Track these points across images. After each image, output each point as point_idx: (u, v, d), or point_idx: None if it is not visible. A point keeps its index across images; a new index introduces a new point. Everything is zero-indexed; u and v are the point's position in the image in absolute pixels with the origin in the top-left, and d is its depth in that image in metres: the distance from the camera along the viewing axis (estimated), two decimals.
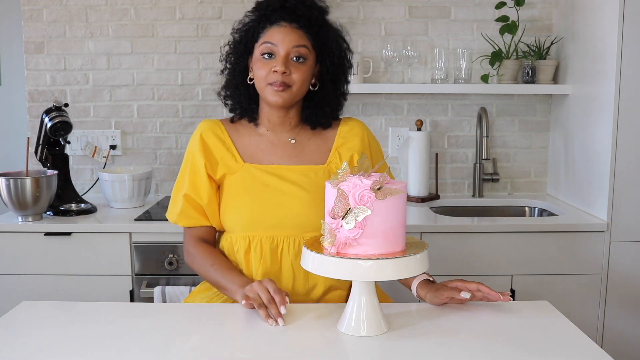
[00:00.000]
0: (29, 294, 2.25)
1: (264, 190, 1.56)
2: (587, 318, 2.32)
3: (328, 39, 1.59)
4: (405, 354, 1.25)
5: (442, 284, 1.47)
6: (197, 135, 1.62)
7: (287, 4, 1.55)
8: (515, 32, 2.63)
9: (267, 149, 1.62)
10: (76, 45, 2.76)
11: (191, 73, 2.79)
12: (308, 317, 1.43)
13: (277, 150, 1.62)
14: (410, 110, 2.82)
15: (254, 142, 1.62)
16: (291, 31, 1.53)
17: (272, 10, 1.55)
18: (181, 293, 2.11)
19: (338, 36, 1.63)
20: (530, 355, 1.24)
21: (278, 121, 1.62)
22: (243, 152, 1.60)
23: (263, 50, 1.54)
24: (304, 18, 1.54)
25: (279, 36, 1.53)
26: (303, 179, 1.57)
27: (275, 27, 1.54)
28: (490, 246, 2.30)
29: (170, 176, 2.83)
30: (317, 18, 1.57)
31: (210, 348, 1.27)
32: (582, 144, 2.50)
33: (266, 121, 1.63)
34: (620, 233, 2.30)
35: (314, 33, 1.56)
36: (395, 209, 1.26)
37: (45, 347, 1.27)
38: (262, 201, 1.55)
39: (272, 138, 1.63)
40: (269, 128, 1.63)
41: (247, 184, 1.57)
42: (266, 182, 1.57)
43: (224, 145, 1.61)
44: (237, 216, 1.57)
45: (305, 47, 1.54)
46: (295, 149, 1.62)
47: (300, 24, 1.54)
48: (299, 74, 1.54)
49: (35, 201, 2.29)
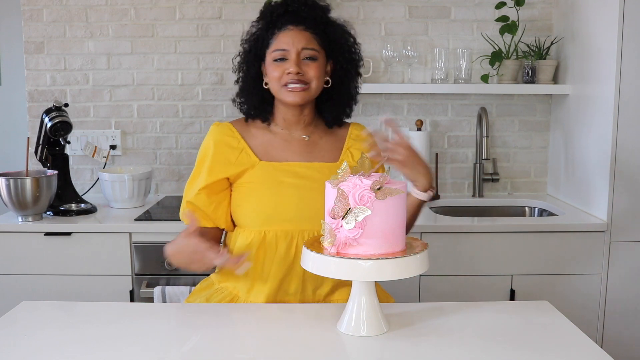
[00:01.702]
0: (29, 294, 2.25)
1: (279, 186, 1.59)
2: (587, 318, 2.32)
3: (335, 35, 1.64)
4: (405, 354, 1.25)
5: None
6: (210, 138, 1.65)
7: (290, 8, 1.59)
8: (515, 32, 2.63)
9: (281, 147, 1.65)
10: (76, 45, 2.77)
11: (191, 73, 2.79)
12: (308, 317, 1.43)
13: (292, 147, 1.65)
14: (410, 110, 2.82)
15: (268, 140, 1.66)
16: (298, 33, 1.58)
17: (277, 17, 1.60)
18: (181, 293, 2.11)
19: (344, 32, 1.67)
20: (530, 355, 1.24)
21: (293, 119, 1.65)
22: (258, 151, 1.63)
23: (275, 56, 1.58)
24: (308, 19, 1.59)
25: (288, 40, 1.58)
26: (317, 175, 1.60)
27: (283, 32, 1.59)
28: (490, 246, 2.30)
29: (170, 176, 2.83)
30: (321, 17, 1.61)
31: (210, 348, 1.27)
32: (582, 144, 2.50)
33: (281, 120, 1.66)
34: (620, 233, 2.30)
35: (321, 32, 1.61)
36: (395, 209, 1.26)
37: (45, 347, 1.27)
38: (278, 196, 1.58)
39: (287, 136, 1.66)
40: (283, 127, 1.67)
41: (263, 179, 1.60)
42: (281, 178, 1.60)
43: (238, 146, 1.63)
44: (254, 210, 1.59)
45: (314, 47, 1.59)
46: (308, 146, 1.66)
47: (306, 25, 1.59)
48: (313, 71, 1.58)
49: (35, 201, 2.29)
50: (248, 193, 1.60)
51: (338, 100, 1.67)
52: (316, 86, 1.60)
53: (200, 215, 1.60)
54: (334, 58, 1.64)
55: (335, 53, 1.64)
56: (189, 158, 2.82)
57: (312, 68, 1.58)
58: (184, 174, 2.83)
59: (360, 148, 1.66)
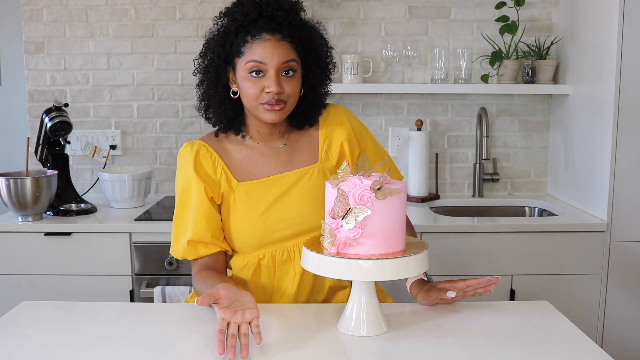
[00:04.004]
0: (29, 294, 2.25)
1: (264, 208, 1.52)
2: (587, 318, 2.32)
3: (311, 42, 1.53)
4: (405, 354, 1.25)
5: (432, 285, 1.47)
6: (187, 165, 1.54)
7: (264, 12, 1.45)
8: (515, 32, 2.63)
9: (260, 162, 1.57)
10: (76, 45, 2.76)
11: (191, 73, 2.78)
12: (308, 317, 1.43)
13: (271, 160, 1.57)
14: (410, 110, 2.82)
15: (246, 157, 1.57)
16: (277, 45, 1.45)
17: (249, 21, 1.46)
18: (181, 293, 2.11)
19: (319, 37, 1.57)
20: (530, 355, 1.24)
21: (268, 132, 1.57)
22: (236, 171, 1.55)
23: (250, 68, 1.45)
24: (284, 25, 1.46)
25: (265, 53, 1.44)
26: (300, 183, 1.54)
27: (258, 42, 1.45)
28: (490, 246, 2.30)
29: (170, 176, 2.83)
30: (297, 22, 1.50)
31: (210, 348, 1.26)
32: (582, 144, 2.50)
33: (256, 133, 1.58)
34: (620, 233, 2.30)
35: (297, 40, 1.49)
36: (395, 209, 1.26)
37: (45, 347, 1.27)
38: (264, 219, 1.52)
39: (264, 149, 1.58)
40: (259, 140, 1.58)
41: (245, 205, 1.53)
42: (265, 197, 1.53)
43: (217, 167, 1.55)
44: (242, 240, 1.54)
45: (294, 60, 1.48)
46: (287, 155, 1.58)
47: (284, 33, 1.46)
48: (292, 87, 1.48)
49: (35, 201, 2.29)
50: (234, 221, 1.53)
51: (307, 105, 1.57)
52: (293, 102, 1.50)
53: (202, 248, 1.53)
54: (310, 67, 1.53)
55: (309, 61, 1.53)
56: None
57: (291, 84, 1.47)
58: None
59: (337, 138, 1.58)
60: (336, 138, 1.59)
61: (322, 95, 1.60)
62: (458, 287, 1.44)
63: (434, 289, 1.45)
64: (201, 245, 1.53)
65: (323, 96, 1.61)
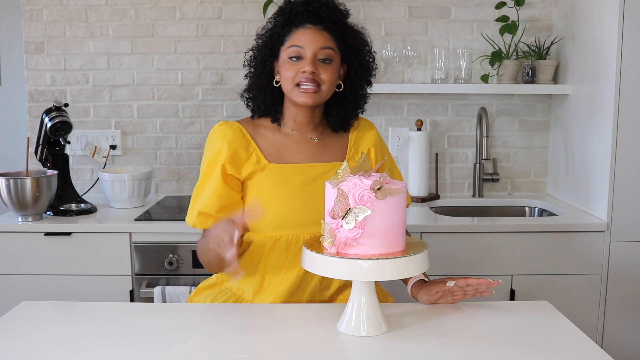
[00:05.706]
0: (29, 294, 2.25)
1: (290, 190, 1.57)
2: (587, 318, 2.33)
3: (352, 40, 1.62)
4: (405, 354, 1.25)
5: (432, 281, 1.50)
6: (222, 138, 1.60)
7: (310, 7, 1.57)
8: (515, 32, 2.63)
9: (293, 148, 1.63)
10: (76, 45, 2.77)
11: (191, 73, 2.79)
12: (308, 317, 1.43)
13: (303, 148, 1.64)
14: (410, 110, 2.82)
15: (279, 141, 1.63)
16: (317, 32, 1.56)
17: (296, 14, 1.57)
18: (181, 293, 2.12)
19: (361, 39, 1.66)
20: (530, 355, 1.24)
21: (304, 121, 1.64)
22: (267, 153, 1.61)
23: (290, 53, 1.56)
24: (328, 20, 1.57)
25: (306, 38, 1.55)
26: (327, 176, 1.57)
27: (301, 30, 1.56)
28: (490, 246, 2.30)
29: (170, 176, 2.83)
30: (340, 20, 1.60)
31: (210, 348, 1.27)
32: (582, 144, 2.50)
33: (292, 121, 1.65)
34: (620, 233, 2.30)
35: (339, 35, 1.59)
36: (395, 209, 1.26)
37: (45, 347, 1.27)
38: (289, 201, 1.57)
39: (298, 137, 1.65)
40: (294, 128, 1.65)
41: (273, 184, 1.58)
42: (292, 181, 1.58)
43: (249, 147, 1.60)
44: (265, 217, 1.56)
45: (332, 48, 1.56)
46: (319, 147, 1.65)
47: (325, 25, 1.57)
48: (328, 74, 1.56)
49: (35, 201, 2.29)
50: (258, 197, 1.58)
51: (346, 105, 1.65)
52: (328, 89, 1.58)
53: (211, 220, 1.57)
54: (349, 63, 1.63)
55: (350, 58, 1.62)
56: (189, 158, 2.82)
57: (327, 70, 1.56)
58: (184, 174, 2.83)
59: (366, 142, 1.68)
60: (364, 142, 1.69)
61: (360, 98, 1.68)
62: (459, 285, 1.47)
63: (434, 282, 1.49)
64: (211, 219, 1.58)
65: (361, 99, 1.68)
